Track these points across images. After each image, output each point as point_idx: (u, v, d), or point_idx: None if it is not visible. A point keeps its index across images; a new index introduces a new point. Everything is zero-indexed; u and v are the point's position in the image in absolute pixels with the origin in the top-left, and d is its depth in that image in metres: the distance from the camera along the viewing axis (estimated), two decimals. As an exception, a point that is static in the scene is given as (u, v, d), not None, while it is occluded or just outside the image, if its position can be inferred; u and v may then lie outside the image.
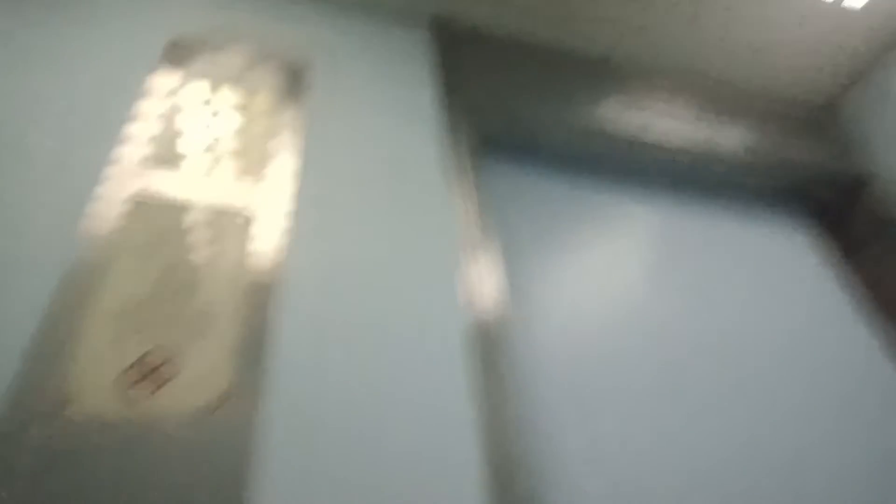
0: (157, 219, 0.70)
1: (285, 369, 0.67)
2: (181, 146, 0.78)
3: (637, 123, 1.14)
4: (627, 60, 1.27)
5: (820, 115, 1.42)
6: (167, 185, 0.74)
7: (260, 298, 0.70)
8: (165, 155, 0.76)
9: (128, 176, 0.72)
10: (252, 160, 0.80)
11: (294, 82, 0.91)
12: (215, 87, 0.86)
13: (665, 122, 1.18)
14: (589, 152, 1.15)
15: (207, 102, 0.83)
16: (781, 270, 1.23)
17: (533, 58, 1.17)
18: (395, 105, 0.97)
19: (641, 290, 1.07)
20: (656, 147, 1.16)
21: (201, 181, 0.75)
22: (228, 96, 0.85)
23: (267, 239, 0.74)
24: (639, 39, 1.23)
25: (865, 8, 1.23)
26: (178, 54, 0.86)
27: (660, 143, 1.15)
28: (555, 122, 1.08)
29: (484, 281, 0.79)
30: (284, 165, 0.81)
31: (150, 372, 0.60)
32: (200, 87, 0.85)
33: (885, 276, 1.21)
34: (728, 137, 1.22)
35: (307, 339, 0.70)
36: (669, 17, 1.20)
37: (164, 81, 0.83)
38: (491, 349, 0.74)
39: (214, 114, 0.82)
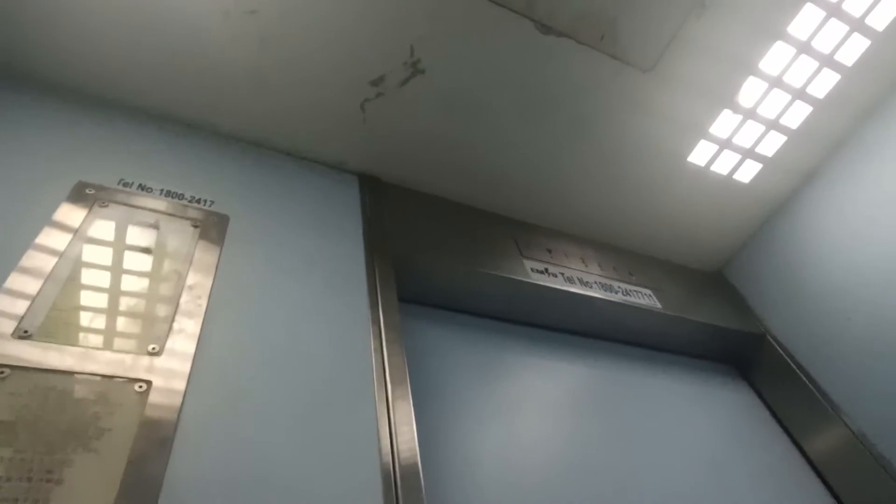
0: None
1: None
2: (76, 299, 0.65)
3: (557, 280, 1.20)
4: (543, 223, 1.36)
5: (715, 278, 1.57)
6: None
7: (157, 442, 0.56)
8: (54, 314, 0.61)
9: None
10: (158, 314, 0.68)
11: (212, 231, 0.84)
12: (124, 234, 0.77)
13: (588, 279, 1.26)
14: (511, 306, 1.18)
15: (113, 251, 0.74)
16: (711, 415, 1.30)
17: (458, 216, 1.24)
18: (320, 253, 0.92)
19: (569, 439, 1.05)
20: (577, 302, 1.21)
21: (95, 345, 0.61)
22: (138, 245, 0.77)
23: (167, 394, 0.61)
24: (552, 205, 1.33)
25: (751, 182, 1.39)
26: (88, 197, 0.79)
27: (580, 298, 1.21)
28: (478, 277, 1.11)
29: (402, 429, 0.72)
30: (194, 317, 0.70)
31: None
32: (107, 233, 0.76)
33: (793, 424, 1.32)
34: (639, 296, 1.31)
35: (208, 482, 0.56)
36: (582, 186, 1.31)
37: (68, 222, 0.73)
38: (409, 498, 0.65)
39: (119, 263, 0.73)
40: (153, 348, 0.64)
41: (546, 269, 1.20)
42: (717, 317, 1.41)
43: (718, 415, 1.32)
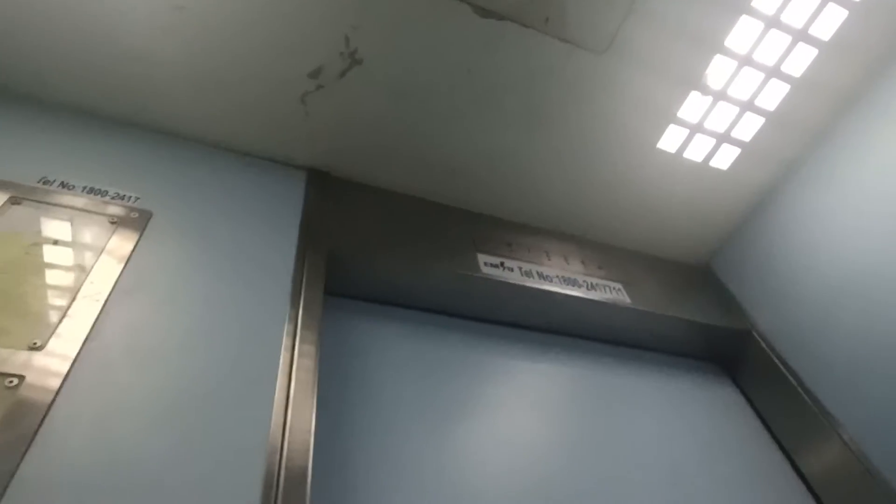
0: None
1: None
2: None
3: (513, 274, 1.15)
4: (505, 216, 1.31)
5: (702, 272, 1.48)
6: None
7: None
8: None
9: None
10: (50, 309, 0.67)
11: (130, 227, 0.83)
12: (31, 232, 0.76)
13: (549, 273, 1.20)
14: (463, 301, 1.13)
15: (16, 248, 0.73)
16: (691, 415, 1.22)
17: (412, 210, 1.20)
18: (248, 249, 0.90)
19: (526, 445, 0.98)
20: (535, 297, 1.15)
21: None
22: (43, 242, 0.75)
23: (40, 390, 0.59)
24: (513, 197, 1.28)
25: (731, 169, 1.29)
26: (4, 194, 0.78)
27: (538, 293, 1.15)
28: (423, 271, 1.07)
29: (296, 434, 0.68)
30: (88, 312, 0.69)
31: None
32: (13, 231, 0.74)
33: (780, 428, 1.24)
34: (606, 290, 1.24)
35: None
36: (544, 176, 1.25)
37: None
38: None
39: (19, 260, 0.71)
40: (35, 343, 0.63)
41: (502, 263, 1.16)
42: (698, 312, 1.33)
43: (699, 415, 1.24)
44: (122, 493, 0.56)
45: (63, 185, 0.86)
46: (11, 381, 0.59)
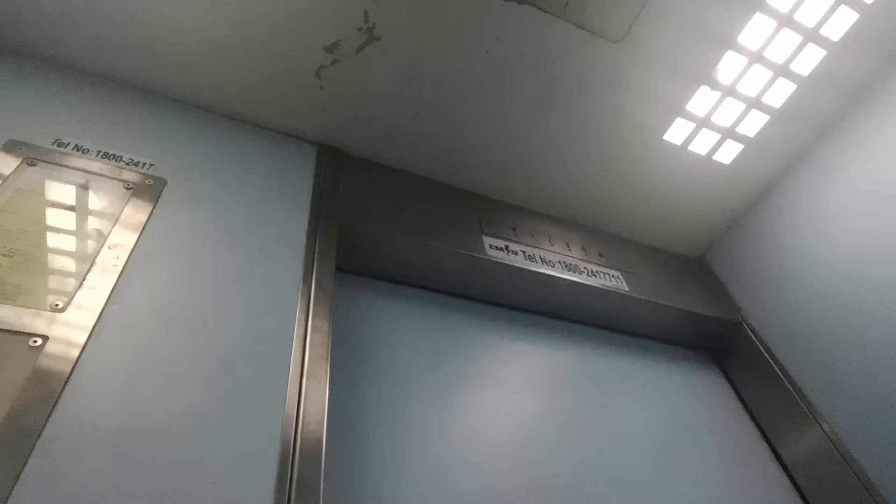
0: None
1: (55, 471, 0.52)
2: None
3: (517, 258, 1.16)
4: (511, 200, 1.32)
5: (697, 263, 1.52)
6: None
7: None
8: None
9: None
10: (71, 271, 0.68)
11: (145, 193, 0.83)
12: (48, 193, 0.76)
13: (551, 258, 1.22)
14: (468, 282, 1.15)
15: (32, 209, 0.73)
16: (679, 401, 1.26)
17: (421, 190, 1.21)
18: (260, 220, 0.91)
19: (521, 424, 1.01)
20: (537, 281, 1.18)
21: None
22: (60, 204, 0.76)
23: (64, 350, 0.60)
24: (520, 181, 1.29)
25: (733, 164, 1.32)
26: (16, 156, 0.78)
27: (541, 277, 1.17)
28: (431, 251, 1.08)
29: (311, 403, 0.70)
30: (108, 275, 0.69)
31: None
32: (29, 191, 0.74)
33: (764, 418, 1.29)
34: (606, 277, 1.26)
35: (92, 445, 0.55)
36: (551, 162, 1.27)
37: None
38: (308, 478, 0.62)
39: (37, 221, 0.72)
40: (57, 304, 0.64)
41: (506, 247, 1.17)
42: (692, 302, 1.36)
43: (687, 401, 1.28)
44: (144, 454, 0.57)
45: (77, 148, 0.85)
46: (35, 341, 0.60)
